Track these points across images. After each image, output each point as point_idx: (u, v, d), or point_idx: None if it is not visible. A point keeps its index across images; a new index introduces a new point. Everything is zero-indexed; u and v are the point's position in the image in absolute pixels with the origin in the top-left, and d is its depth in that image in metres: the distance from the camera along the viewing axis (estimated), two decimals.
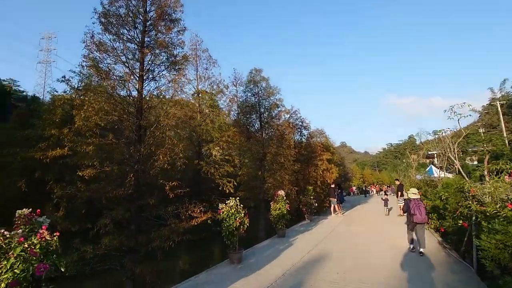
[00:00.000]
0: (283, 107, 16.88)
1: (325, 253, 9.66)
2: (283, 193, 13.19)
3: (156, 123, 8.71)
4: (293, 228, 15.56)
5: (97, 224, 7.47)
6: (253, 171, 16.13)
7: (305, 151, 21.27)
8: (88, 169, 8.57)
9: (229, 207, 8.91)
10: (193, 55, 19.14)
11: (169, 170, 8.85)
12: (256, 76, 16.83)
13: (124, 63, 8.61)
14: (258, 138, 15.79)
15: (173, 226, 8.12)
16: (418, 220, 8.52)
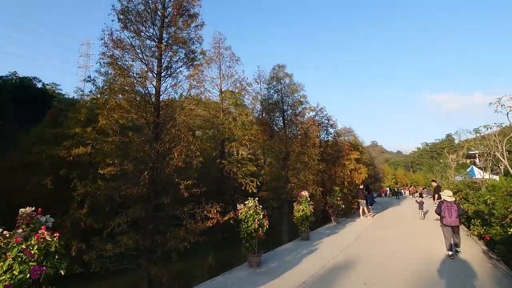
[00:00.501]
0: (307, 104, 16.23)
1: (352, 260, 8.95)
2: (306, 194, 12.57)
3: (172, 120, 8.56)
4: (318, 231, 14.86)
5: (111, 223, 7.45)
6: (276, 170, 15.64)
7: (332, 150, 20.36)
8: (109, 167, 8.61)
9: (247, 208, 8.54)
10: (216, 53, 19.02)
11: (186, 169, 8.65)
12: (279, 73, 16.32)
13: (142, 60, 8.56)
14: (281, 137, 15.27)
15: (188, 226, 7.90)
16: (447, 223, 8.49)
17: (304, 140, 15.44)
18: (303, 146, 15.01)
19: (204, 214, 8.27)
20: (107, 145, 8.59)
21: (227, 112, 18.80)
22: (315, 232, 14.43)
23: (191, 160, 8.44)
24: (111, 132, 8.91)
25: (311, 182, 14.77)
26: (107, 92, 9.00)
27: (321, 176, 17.47)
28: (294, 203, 12.78)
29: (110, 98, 8.56)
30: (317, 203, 15.60)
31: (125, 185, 7.70)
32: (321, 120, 21.36)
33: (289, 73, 16.31)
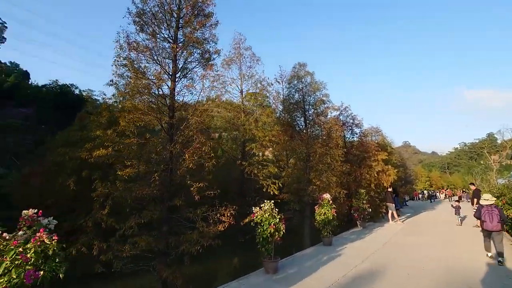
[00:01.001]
0: (329, 103, 15.56)
1: (377, 268, 8.29)
2: (328, 197, 11.98)
3: (186, 121, 8.48)
4: (342, 236, 14.14)
5: (122, 225, 7.47)
6: (297, 172, 15.14)
7: (357, 151, 19.42)
8: (127, 169, 8.70)
9: (263, 211, 8.22)
10: (236, 53, 18.91)
11: (198, 171, 8.52)
12: (300, 71, 15.83)
13: (157, 62, 8.57)
14: (302, 137, 14.75)
15: (201, 230, 7.74)
16: (488, 228, 8.13)
17: (326, 141, 14.80)
18: (326, 147, 14.38)
19: (217, 217, 8.06)
20: (125, 146, 8.68)
21: (248, 113, 18.60)
22: (339, 237, 13.74)
23: (203, 162, 8.28)
24: (129, 134, 9.00)
25: (334, 184, 14.10)
26: (126, 95, 9.10)
27: (345, 178, 16.67)
28: (316, 206, 12.24)
29: (128, 100, 8.66)
30: (341, 206, 14.87)
31: (139, 186, 7.70)
32: (346, 120, 20.52)
33: (310, 72, 15.77)
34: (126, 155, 8.86)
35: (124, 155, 8.84)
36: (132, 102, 8.57)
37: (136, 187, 7.74)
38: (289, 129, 15.29)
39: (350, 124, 20.35)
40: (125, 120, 8.90)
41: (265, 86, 18.45)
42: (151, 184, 7.73)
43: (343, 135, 20.15)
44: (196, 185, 7.74)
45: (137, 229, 7.53)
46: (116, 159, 9.03)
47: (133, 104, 8.47)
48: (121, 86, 8.25)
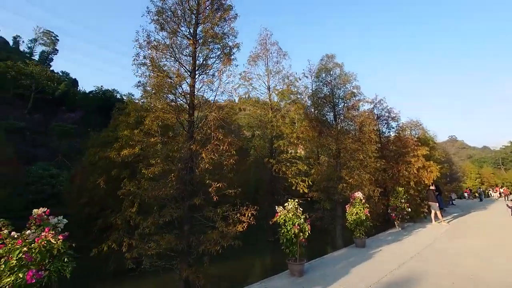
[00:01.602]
0: (361, 95, 14.55)
1: (416, 275, 7.47)
2: (360, 195, 11.18)
3: (204, 119, 8.33)
4: (378, 237, 13.17)
5: (142, 224, 7.51)
6: (327, 169, 14.40)
7: (394, 146, 18.06)
8: (152, 168, 8.79)
9: (286, 210, 7.80)
10: (263, 49, 18.57)
11: (217, 169, 8.33)
12: (328, 63, 15.04)
13: (176, 59, 8.52)
14: (331, 133, 13.99)
15: (220, 230, 7.53)
16: None
17: (358, 136, 13.88)
18: (358, 142, 13.47)
19: (236, 217, 7.80)
20: (150, 145, 8.78)
21: (275, 109, 18.18)
22: (374, 238, 12.82)
23: (222, 160, 8.06)
24: (154, 133, 9.09)
25: (367, 182, 13.15)
26: (149, 95, 9.20)
27: (380, 175, 15.55)
28: (347, 205, 11.51)
29: (152, 99, 8.74)
30: (376, 205, 13.87)
31: (159, 185, 7.71)
32: (381, 113, 19.20)
33: (339, 63, 14.91)
34: (151, 154, 8.96)
35: (149, 154, 8.94)
36: (154, 101, 8.64)
37: (157, 185, 7.75)
38: (317, 125, 14.59)
39: (386, 118, 18.99)
40: (149, 119, 9.00)
41: (293, 81, 17.88)
42: (168, 183, 7.70)
43: (377, 130, 18.91)
44: (215, 184, 7.54)
45: (153, 229, 7.54)
46: (142, 158, 9.19)
47: (155, 103, 8.54)
48: (146, 86, 8.31)
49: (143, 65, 8.17)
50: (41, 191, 43.02)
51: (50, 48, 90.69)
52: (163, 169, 8.34)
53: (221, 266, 11.68)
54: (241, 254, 15.79)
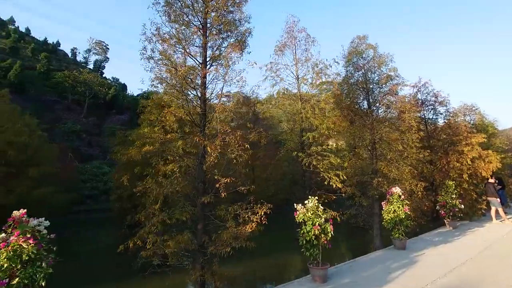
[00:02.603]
0: (399, 78, 12.91)
1: (466, 286, 6.26)
2: (398, 191, 9.89)
3: (212, 112, 7.88)
4: (422, 237, 11.66)
5: (147, 223, 7.31)
6: (361, 161, 13.10)
7: (443, 134, 15.95)
8: (170, 165, 8.64)
9: (305, 209, 7.05)
10: (290, 37, 17.56)
11: (226, 164, 7.85)
12: (359, 46, 13.62)
13: (185, 51, 8.17)
14: (365, 122, 12.66)
15: (230, 230, 7.03)
16: None
17: (397, 124, 12.36)
18: (396, 131, 12.00)
19: (248, 216, 7.23)
20: (167, 142, 8.63)
21: (304, 100, 17.17)
22: (417, 239, 11.38)
23: (229, 155, 7.53)
24: (170, 130, 8.92)
25: (408, 175, 11.63)
26: (165, 93, 9.03)
27: (425, 167, 13.76)
28: (383, 202, 10.30)
29: (166, 94, 8.56)
30: (420, 202, 12.28)
31: (171, 182, 7.48)
32: (426, 98, 17.10)
33: (373, 44, 13.40)
34: (169, 150, 8.81)
35: (167, 151, 8.81)
36: (169, 96, 8.44)
37: (170, 182, 7.54)
38: (349, 114, 13.33)
39: (432, 103, 16.85)
40: (166, 115, 8.85)
41: (323, 69, 16.64)
42: (179, 180, 7.43)
43: (422, 117, 16.88)
44: (223, 180, 7.06)
45: (160, 227, 7.34)
46: (160, 155, 9.12)
47: (168, 98, 8.33)
48: (155, 81, 8.10)
49: (151, 58, 7.97)
50: (96, 188, 47.11)
51: (102, 56, 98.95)
52: (180, 165, 8.11)
53: (242, 265, 11.32)
54: (268, 253, 15.28)
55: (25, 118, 16.91)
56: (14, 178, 14.58)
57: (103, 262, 14.89)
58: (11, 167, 14.55)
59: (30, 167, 14.93)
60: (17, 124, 15.02)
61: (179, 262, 7.35)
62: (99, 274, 12.83)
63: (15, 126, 14.86)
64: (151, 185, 7.95)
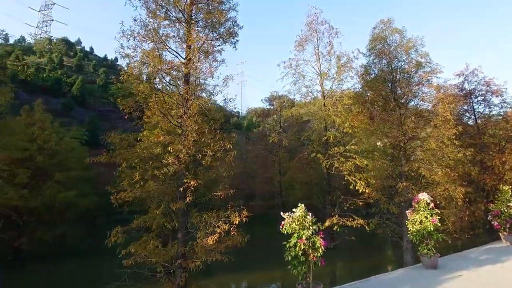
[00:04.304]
0: (430, 65, 10.92)
1: None
2: (426, 198, 8.18)
3: (189, 107, 7.22)
4: (465, 254, 9.59)
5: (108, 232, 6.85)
6: (386, 163, 11.31)
7: (498, 129, 13.29)
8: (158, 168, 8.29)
9: (291, 219, 6.02)
10: (311, 31, 16.37)
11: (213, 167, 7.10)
12: (384, 31, 11.94)
13: (167, 46, 7.71)
14: (387, 117, 10.95)
15: (198, 242, 6.24)
16: None
17: (428, 118, 10.44)
18: (426, 126, 10.13)
19: (217, 226, 6.35)
20: (157, 144, 8.29)
21: (327, 96, 15.80)
22: (458, 257, 9.38)
23: (201, 154, 6.77)
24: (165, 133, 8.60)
25: (442, 178, 9.63)
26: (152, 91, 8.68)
27: (471, 168, 11.43)
28: (408, 211, 8.65)
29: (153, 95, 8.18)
30: (461, 211, 10.14)
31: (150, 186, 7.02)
32: (475, 87, 14.49)
33: (399, 28, 11.65)
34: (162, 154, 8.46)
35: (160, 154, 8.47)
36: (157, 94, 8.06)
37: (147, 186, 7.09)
38: (369, 108, 11.69)
39: (483, 93, 14.18)
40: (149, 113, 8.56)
41: (345, 62, 15.12)
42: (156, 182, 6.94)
43: (470, 109, 14.32)
44: (192, 182, 6.34)
45: (123, 237, 6.84)
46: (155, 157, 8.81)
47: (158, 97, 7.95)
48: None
49: (124, 57, 7.67)
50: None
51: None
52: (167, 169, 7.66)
53: (242, 277, 10.50)
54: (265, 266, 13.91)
55: (54, 126, 18.52)
56: (42, 182, 15.91)
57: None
58: (39, 171, 15.95)
59: (58, 172, 16.17)
60: (46, 131, 16.46)
61: (152, 273, 6.82)
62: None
63: (44, 133, 16.29)
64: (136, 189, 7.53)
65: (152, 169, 7.30)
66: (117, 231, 6.62)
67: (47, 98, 56.92)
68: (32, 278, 13.36)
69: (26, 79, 57.51)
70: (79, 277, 12.95)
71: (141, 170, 7.29)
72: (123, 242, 7.52)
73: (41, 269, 14.38)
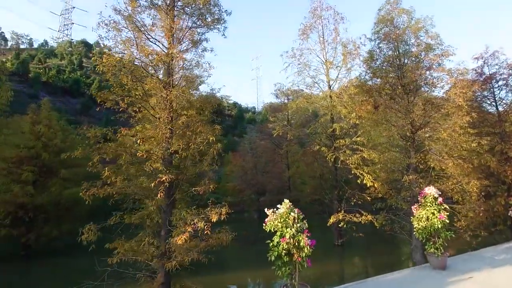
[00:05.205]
0: (441, 46, 9.95)
1: None
2: (433, 192, 7.45)
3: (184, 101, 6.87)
4: (480, 254, 8.76)
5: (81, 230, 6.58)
6: (394, 156, 10.49)
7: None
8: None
9: (275, 216, 5.53)
10: (315, 17, 15.53)
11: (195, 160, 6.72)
12: (391, 12, 11.04)
13: (148, 35, 7.35)
14: (393, 105, 10.13)
15: (171, 240, 5.85)
16: None
17: (439, 105, 9.54)
18: (436, 114, 9.26)
19: (194, 223, 5.92)
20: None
21: (333, 86, 15.03)
22: (471, 256, 8.60)
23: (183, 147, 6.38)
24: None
25: (455, 170, 8.75)
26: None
27: (489, 159, 10.40)
28: (414, 206, 7.93)
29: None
30: (476, 206, 9.22)
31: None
32: (496, 71, 13.27)
33: (406, 9, 10.72)
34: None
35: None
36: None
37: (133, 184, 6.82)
38: (374, 96, 10.87)
39: (505, 77, 12.95)
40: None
41: (351, 49, 14.25)
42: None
43: (490, 96, 13.14)
44: (162, 177, 5.95)
45: (96, 235, 6.56)
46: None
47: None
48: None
49: (106, 47, 7.40)
50: None
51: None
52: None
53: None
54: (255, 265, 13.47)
55: (60, 124, 18.86)
56: (48, 179, 16.22)
57: None
58: (45, 169, 16.28)
59: (64, 169, 16.44)
60: (51, 129, 16.75)
61: (134, 272, 6.56)
62: None
63: (49, 131, 16.57)
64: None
65: (126, 165, 7.03)
66: (90, 228, 6.42)
67: (67, 98, 59.10)
68: (39, 271, 13.78)
69: (48, 81, 59.73)
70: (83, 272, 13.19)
71: (114, 166, 7.05)
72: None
73: (48, 264, 14.81)
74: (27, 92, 54.12)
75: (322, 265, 13.36)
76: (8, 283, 12.44)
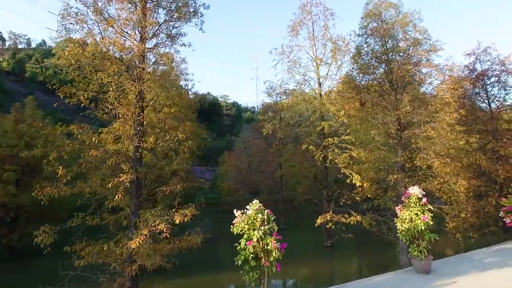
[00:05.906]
0: (428, 41, 9.61)
1: None
2: (417, 192, 7.12)
3: (155, 97, 6.54)
4: (469, 256, 8.45)
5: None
6: (382, 155, 10.12)
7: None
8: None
9: (243, 217, 5.20)
10: (304, 14, 15.21)
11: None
12: (379, 7, 10.72)
13: (114, 27, 7.00)
14: (379, 102, 9.80)
15: (129, 243, 5.50)
16: None
17: (426, 102, 9.20)
18: (423, 110, 8.92)
19: (154, 225, 5.58)
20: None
21: (323, 83, 14.72)
22: (459, 258, 8.26)
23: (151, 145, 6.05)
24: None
25: (442, 170, 8.40)
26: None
27: (480, 158, 10.06)
28: (398, 207, 7.61)
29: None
30: (464, 207, 8.88)
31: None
32: (488, 68, 12.95)
33: (394, 3, 10.40)
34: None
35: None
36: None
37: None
38: (361, 93, 10.52)
39: (497, 73, 12.62)
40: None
41: (340, 46, 13.94)
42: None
43: (481, 93, 12.82)
44: (122, 177, 5.61)
45: (53, 237, 6.26)
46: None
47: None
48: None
49: (70, 41, 7.06)
50: None
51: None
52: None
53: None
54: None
55: (45, 122, 18.51)
56: (32, 178, 15.91)
57: None
58: (28, 168, 15.99)
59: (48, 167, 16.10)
60: (33, 128, 16.48)
61: (98, 276, 6.22)
62: None
63: (31, 130, 16.30)
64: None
65: (86, 164, 6.71)
66: (44, 230, 6.10)
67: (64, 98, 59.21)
68: (12, 272, 13.65)
69: (44, 80, 59.35)
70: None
71: (76, 165, 6.73)
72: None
73: (28, 265, 14.59)
74: (23, 92, 53.81)
75: (310, 267, 13.06)
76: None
